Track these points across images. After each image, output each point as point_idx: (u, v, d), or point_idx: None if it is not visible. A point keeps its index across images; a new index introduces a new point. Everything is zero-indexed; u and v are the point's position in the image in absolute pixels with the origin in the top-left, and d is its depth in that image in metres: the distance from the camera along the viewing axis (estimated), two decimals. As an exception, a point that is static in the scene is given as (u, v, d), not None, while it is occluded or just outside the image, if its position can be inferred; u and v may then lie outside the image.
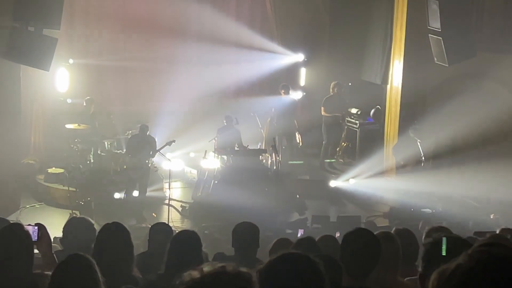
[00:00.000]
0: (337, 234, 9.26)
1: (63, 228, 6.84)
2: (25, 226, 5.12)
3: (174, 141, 15.66)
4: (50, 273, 4.64)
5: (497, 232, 6.57)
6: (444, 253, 2.07)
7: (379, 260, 4.77)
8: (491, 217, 14.48)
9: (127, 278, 5.54)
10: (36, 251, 5.17)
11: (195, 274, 2.37)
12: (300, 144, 18.67)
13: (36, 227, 5.20)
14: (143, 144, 15.51)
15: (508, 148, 16.03)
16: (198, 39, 19.44)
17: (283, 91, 18.40)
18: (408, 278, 5.36)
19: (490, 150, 15.94)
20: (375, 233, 5.22)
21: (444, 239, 2.06)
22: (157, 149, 15.45)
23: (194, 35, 19.50)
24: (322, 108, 18.30)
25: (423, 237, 5.90)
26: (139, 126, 15.88)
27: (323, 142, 18.62)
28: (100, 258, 4.90)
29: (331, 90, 18.35)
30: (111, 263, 4.70)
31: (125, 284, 5.28)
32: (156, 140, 15.97)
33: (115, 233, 5.80)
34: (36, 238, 5.15)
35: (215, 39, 19.26)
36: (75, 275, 4.44)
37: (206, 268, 2.39)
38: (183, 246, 5.97)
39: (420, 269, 4.01)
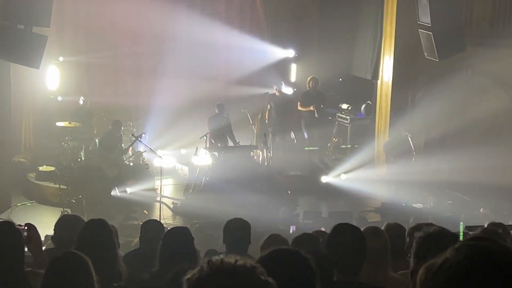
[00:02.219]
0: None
1: (55, 226, 6.83)
2: (15, 226, 5.12)
3: (144, 133, 15.75)
4: (42, 271, 4.64)
5: (485, 226, 6.58)
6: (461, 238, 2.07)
7: (365, 255, 4.77)
8: (481, 211, 14.53)
9: (112, 274, 5.55)
10: (26, 249, 5.17)
11: (227, 262, 2.31)
12: (295, 141, 18.70)
13: (25, 227, 5.20)
14: (115, 142, 15.51)
15: (498, 141, 16.07)
16: (187, 34, 19.42)
17: (276, 87, 18.42)
18: (400, 272, 5.37)
19: (481, 144, 15.97)
20: (363, 228, 5.23)
21: (461, 224, 2.06)
22: (127, 145, 15.49)
23: (184, 30, 19.46)
24: (299, 103, 18.34)
25: (406, 234, 5.91)
26: (112, 122, 15.88)
27: (306, 139, 18.60)
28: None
29: (307, 85, 18.38)
30: (95, 259, 4.69)
31: (109, 278, 5.29)
32: (146, 136, 15.98)
33: (97, 229, 5.79)
34: (26, 238, 5.15)
35: (205, 35, 19.24)
36: (70, 273, 4.43)
37: (240, 260, 2.33)
38: (175, 243, 5.98)
39: (411, 264, 4.02)
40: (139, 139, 15.60)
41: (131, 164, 16.45)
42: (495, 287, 2.01)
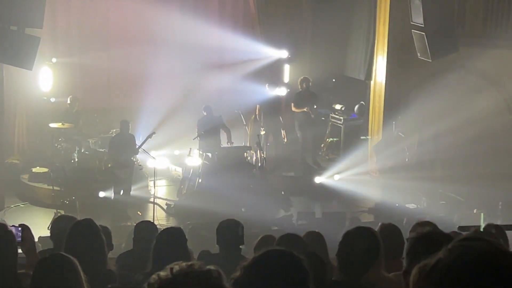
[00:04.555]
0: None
1: (51, 226, 6.82)
2: (9, 227, 5.11)
3: (154, 133, 15.61)
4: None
5: (483, 227, 6.60)
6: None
7: (374, 261, 4.80)
8: (474, 211, 14.54)
9: (103, 273, 5.55)
10: (20, 251, 5.15)
11: (163, 274, 2.38)
12: (285, 140, 18.68)
13: (19, 228, 5.18)
14: (126, 142, 15.44)
15: (491, 141, 16.11)
16: (180, 35, 19.41)
17: (267, 86, 18.41)
18: (394, 273, 5.37)
19: (474, 143, 16.00)
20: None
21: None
22: (139, 144, 15.40)
23: (177, 30, 19.46)
24: (292, 104, 18.33)
25: (409, 232, 5.92)
26: (119, 123, 15.80)
27: (299, 140, 18.59)
28: (73, 255, 4.91)
29: (299, 86, 18.38)
30: (84, 259, 4.71)
31: (101, 279, 5.29)
32: (139, 137, 15.94)
33: (85, 229, 5.79)
34: (19, 239, 5.14)
35: (198, 36, 19.23)
36: (57, 275, 4.44)
37: (175, 267, 2.39)
38: (168, 243, 5.98)
39: (404, 264, 4.03)
40: (150, 138, 15.50)
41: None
42: (488, 287, 2.01)
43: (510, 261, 2.07)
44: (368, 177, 17.13)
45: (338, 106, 19.29)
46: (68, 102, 17.38)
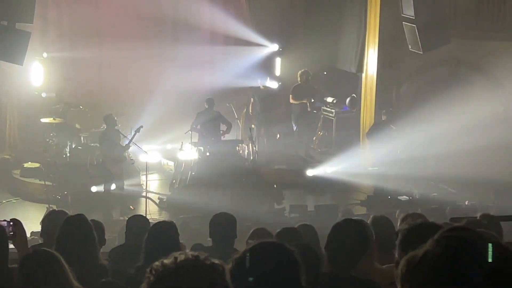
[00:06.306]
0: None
1: (42, 222, 6.80)
2: (0, 222, 5.10)
3: (141, 126, 15.54)
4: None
5: (478, 217, 6.60)
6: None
7: (364, 252, 4.80)
8: (466, 203, 14.57)
9: (95, 268, 5.55)
10: (12, 246, 5.15)
11: (168, 263, 2.36)
12: (278, 136, 18.68)
13: (11, 223, 5.18)
14: (115, 137, 15.38)
15: (483, 133, 16.13)
16: (172, 29, 19.36)
17: (260, 81, 18.42)
18: (387, 265, 5.38)
19: (466, 135, 16.02)
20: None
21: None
22: (128, 139, 15.35)
23: (169, 25, 19.41)
24: (291, 96, 18.34)
25: (398, 224, 5.93)
26: (103, 119, 15.68)
27: (295, 133, 18.60)
28: (64, 251, 4.91)
29: (298, 78, 18.38)
30: (76, 254, 4.73)
31: (94, 272, 5.30)
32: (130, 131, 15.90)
33: (76, 225, 5.80)
34: (11, 233, 5.13)
35: (189, 30, 19.20)
36: (40, 270, 4.45)
37: (180, 256, 2.37)
38: (160, 236, 5.99)
39: (396, 256, 4.03)
40: (138, 132, 15.44)
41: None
42: (476, 277, 2.02)
43: (497, 251, 2.07)
44: (360, 169, 17.14)
45: (329, 99, 19.30)
46: (43, 95, 17.46)
